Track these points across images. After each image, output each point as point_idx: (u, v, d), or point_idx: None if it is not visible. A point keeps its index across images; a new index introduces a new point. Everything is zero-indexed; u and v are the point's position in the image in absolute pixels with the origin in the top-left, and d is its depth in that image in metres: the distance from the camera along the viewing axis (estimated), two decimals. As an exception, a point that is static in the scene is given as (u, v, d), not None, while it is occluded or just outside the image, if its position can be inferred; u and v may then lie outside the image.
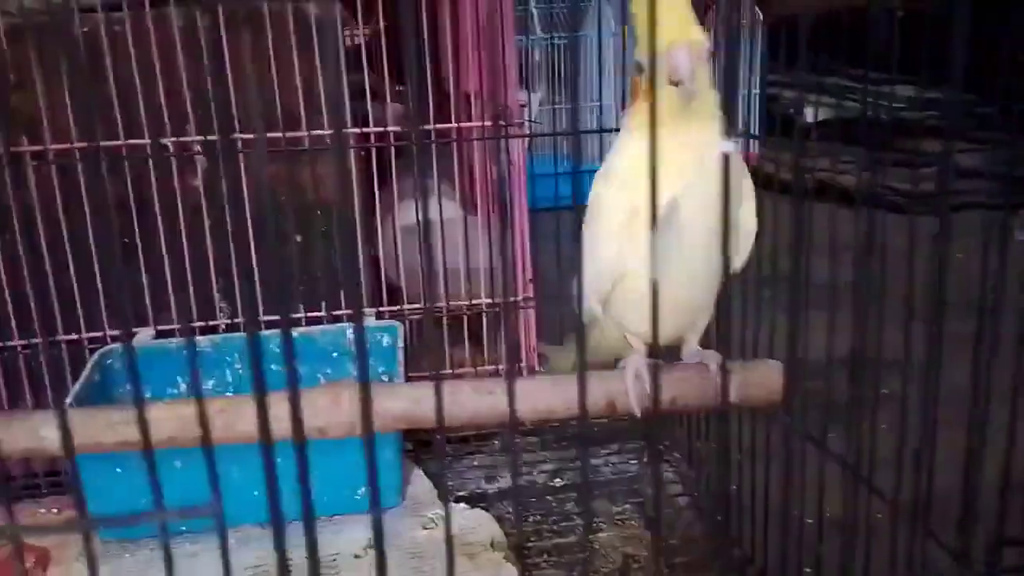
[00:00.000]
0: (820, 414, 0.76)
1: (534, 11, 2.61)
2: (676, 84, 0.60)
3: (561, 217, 1.05)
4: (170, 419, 0.68)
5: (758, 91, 2.27)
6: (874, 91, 0.71)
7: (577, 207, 0.65)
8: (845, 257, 0.73)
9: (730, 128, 0.62)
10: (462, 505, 1.01)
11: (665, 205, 0.60)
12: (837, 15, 0.74)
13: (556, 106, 2.45)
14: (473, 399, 0.75)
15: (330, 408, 0.73)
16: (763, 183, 0.75)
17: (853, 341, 0.67)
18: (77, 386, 0.95)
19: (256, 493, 0.76)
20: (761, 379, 0.75)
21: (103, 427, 0.67)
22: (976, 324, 0.55)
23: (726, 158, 0.36)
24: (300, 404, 0.35)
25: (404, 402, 0.73)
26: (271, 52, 1.10)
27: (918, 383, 0.62)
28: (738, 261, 0.70)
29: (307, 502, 0.35)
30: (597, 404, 0.74)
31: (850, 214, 0.64)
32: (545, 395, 0.76)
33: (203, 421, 0.41)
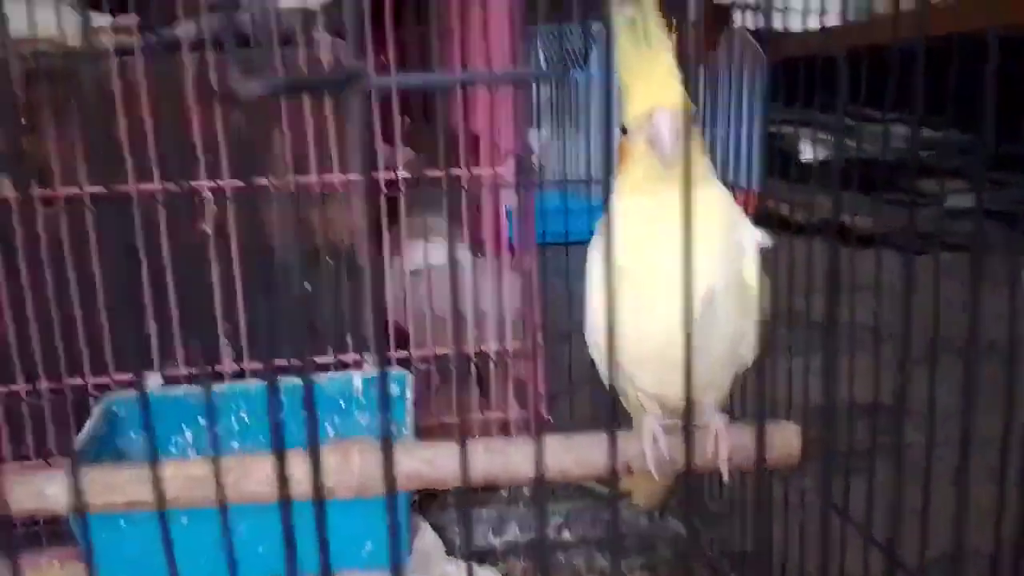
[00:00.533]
0: (841, 475, 0.75)
1: (540, 51, 2.63)
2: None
3: (571, 252, 1.04)
4: (178, 478, 0.67)
5: (759, 129, 2.28)
6: (879, 131, 0.71)
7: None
8: (855, 297, 0.72)
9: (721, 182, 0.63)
10: (473, 564, 0.99)
11: (702, 296, 0.60)
12: (850, 54, 0.74)
13: (559, 141, 2.46)
14: (485, 459, 0.74)
15: (339, 467, 0.71)
16: (764, 220, 0.75)
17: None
18: (83, 435, 0.94)
19: (261, 549, 0.75)
20: (777, 440, 0.74)
21: (112, 488, 0.66)
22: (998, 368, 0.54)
23: (757, 248, 0.35)
24: (319, 466, 0.34)
25: (416, 462, 0.72)
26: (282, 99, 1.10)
27: (941, 432, 0.61)
28: (748, 324, 0.68)
29: (325, 561, 0.34)
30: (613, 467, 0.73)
31: (860, 253, 0.64)
32: (558, 456, 0.74)
33: (220, 491, 0.40)
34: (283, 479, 0.34)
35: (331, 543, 0.78)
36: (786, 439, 0.74)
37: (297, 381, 0.97)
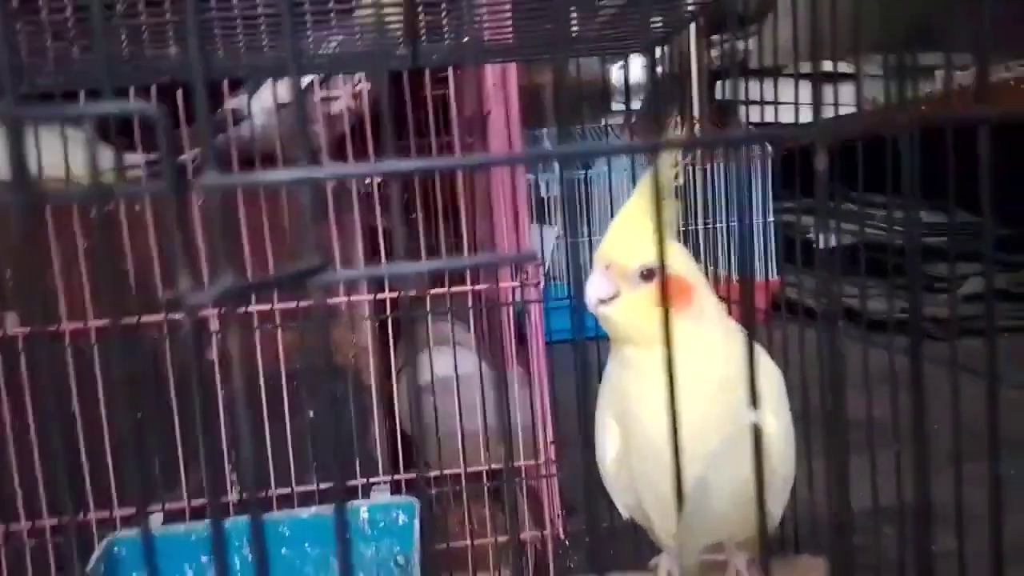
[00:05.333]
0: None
1: (548, 146, 2.68)
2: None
3: (580, 349, 1.02)
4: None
5: (772, 219, 2.29)
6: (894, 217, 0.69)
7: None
8: (879, 390, 0.69)
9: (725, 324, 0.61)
10: None
11: (692, 486, 0.58)
12: (850, 143, 0.74)
13: (571, 239, 2.47)
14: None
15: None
16: (786, 309, 0.73)
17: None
18: (82, 580, 0.91)
19: None
20: (802, 576, 0.70)
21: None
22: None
23: (756, 429, 0.33)
24: None
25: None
26: (287, 221, 1.11)
27: (975, 537, 0.56)
28: (779, 468, 0.65)
29: None
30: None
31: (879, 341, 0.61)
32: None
33: None
34: None
35: None
36: (809, 574, 0.70)
37: (287, 515, 0.93)
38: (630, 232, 0.61)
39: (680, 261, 0.63)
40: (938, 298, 1.71)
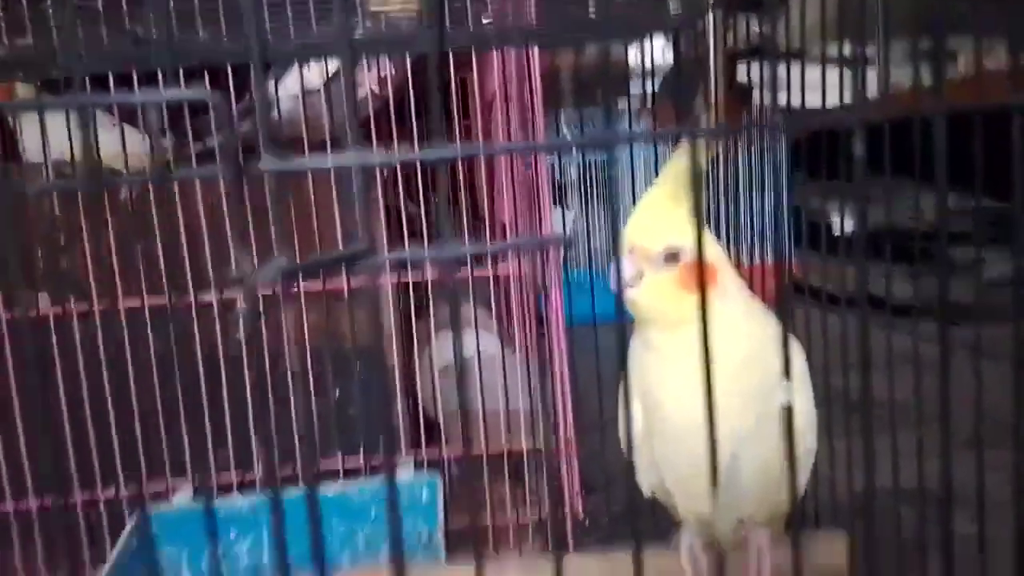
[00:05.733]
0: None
1: (566, 130, 2.68)
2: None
3: (600, 332, 1.03)
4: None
5: (786, 202, 2.29)
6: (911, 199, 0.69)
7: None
8: (901, 372, 0.69)
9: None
10: None
11: (726, 463, 0.59)
12: (876, 127, 0.74)
13: (590, 222, 2.48)
14: (517, 580, 0.72)
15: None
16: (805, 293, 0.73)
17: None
18: (115, 553, 0.93)
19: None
20: (823, 554, 0.71)
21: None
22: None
23: (788, 411, 0.34)
24: None
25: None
26: (313, 202, 1.12)
27: (994, 521, 0.57)
28: (803, 445, 0.66)
29: None
30: (651, 586, 0.71)
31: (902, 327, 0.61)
32: (594, 575, 0.72)
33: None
34: None
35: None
36: (832, 551, 0.71)
37: (329, 490, 0.95)
38: (654, 216, 0.62)
39: (705, 244, 0.63)
40: (963, 284, 1.70)
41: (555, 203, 2.46)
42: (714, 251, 0.65)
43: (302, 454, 0.99)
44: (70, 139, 1.04)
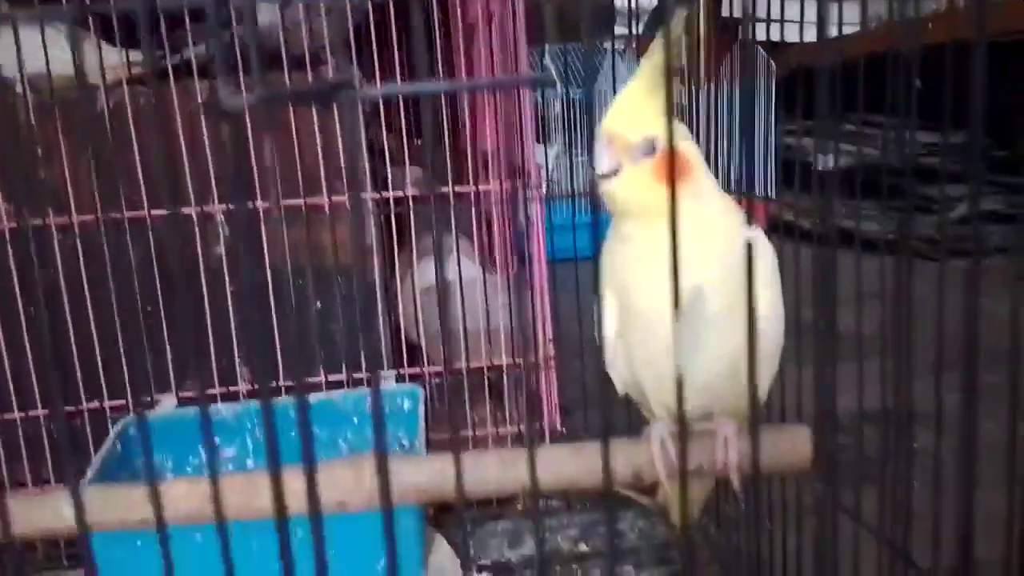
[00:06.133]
0: (853, 478, 0.74)
1: (550, 65, 2.66)
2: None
3: (580, 268, 1.05)
4: (189, 496, 0.68)
5: (773, 140, 2.29)
6: (894, 137, 0.71)
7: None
8: (871, 305, 0.72)
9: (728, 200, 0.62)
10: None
11: (688, 295, 0.60)
12: (852, 63, 0.74)
13: (573, 158, 2.47)
14: (497, 471, 0.74)
15: (352, 482, 0.72)
16: (784, 231, 0.74)
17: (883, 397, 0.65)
18: (98, 459, 0.95)
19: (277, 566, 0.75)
20: (788, 445, 0.73)
21: (124, 506, 0.67)
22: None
23: (749, 246, 0.35)
24: (316, 481, 0.35)
25: (427, 475, 0.72)
26: (292, 118, 1.12)
27: (951, 437, 0.60)
28: (770, 339, 0.68)
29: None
30: (622, 475, 0.73)
31: (874, 262, 0.64)
32: (568, 465, 0.74)
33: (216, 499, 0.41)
34: (279, 496, 0.35)
35: (345, 559, 0.79)
36: (797, 443, 0.73)
37: (312, 397, 0.97)
38: (632, 106, 0.62)
39: (679, 135, 0.64)
40: (930, 219, 1.73)
41: (538, 140, 2.46)
42: (689, 147, 0.66)
43: (286, 363, 1.01)
44: (45, 53, 1.03)
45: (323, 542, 0.36)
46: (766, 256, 0.68)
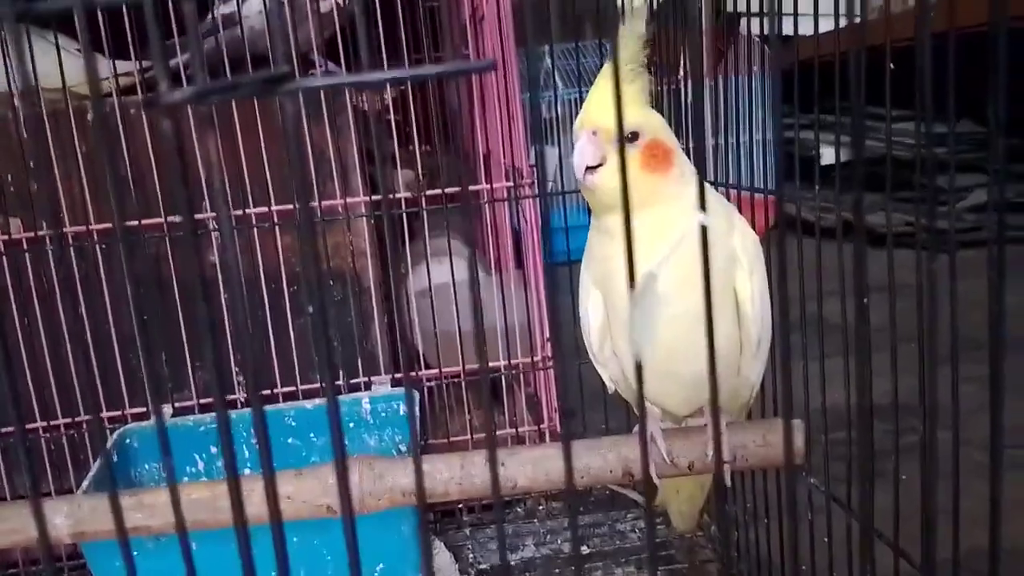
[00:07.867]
0: (845, 471, 0.74)
1: (553, 68, 2.65)
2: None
3: (574, 269, 1.04)
4: (184, 502, 0.68)
5: (773, 134, 2.28)
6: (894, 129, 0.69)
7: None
8: (876, 299, 0.71)
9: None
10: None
11: (640, 277, 0.59)
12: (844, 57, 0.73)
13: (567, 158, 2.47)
14: (485, 471, 0.74)
15: (338, 486, 0.72)
16: (785, 224, 0.73)
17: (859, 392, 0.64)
18: (95, 468, 0.95)
19: (273, 574, 0.75)
20: (779, 438, 0.73)
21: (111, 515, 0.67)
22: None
23: (703, 229, 0.35)
24: (276, 486, 0.35)
25: (414, 476, 0.72)
26: (281, 123, 1.12)
27: (942, 429, 0.59)
28: (754, 331, 0.67)
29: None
30: (614, 472, 0.72)
31: (880, 255, 0.62)
32: (557, 464, 0.74)
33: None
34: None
35: (341, 562, 0.78)
36: (789, 437, 0.73)
37: (292, 407, 0.97)
38: (611, 97, 0.62)
39: (659, 125, 0.64)
40: (939, 210, 1.70)
41: (536, 140, 2.43)
42: (669, 135, 0.65)
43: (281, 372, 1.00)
44: (33, 66, 1.03)
45: (286, 549, 0.35)
46: (749, 242, 0.68)
